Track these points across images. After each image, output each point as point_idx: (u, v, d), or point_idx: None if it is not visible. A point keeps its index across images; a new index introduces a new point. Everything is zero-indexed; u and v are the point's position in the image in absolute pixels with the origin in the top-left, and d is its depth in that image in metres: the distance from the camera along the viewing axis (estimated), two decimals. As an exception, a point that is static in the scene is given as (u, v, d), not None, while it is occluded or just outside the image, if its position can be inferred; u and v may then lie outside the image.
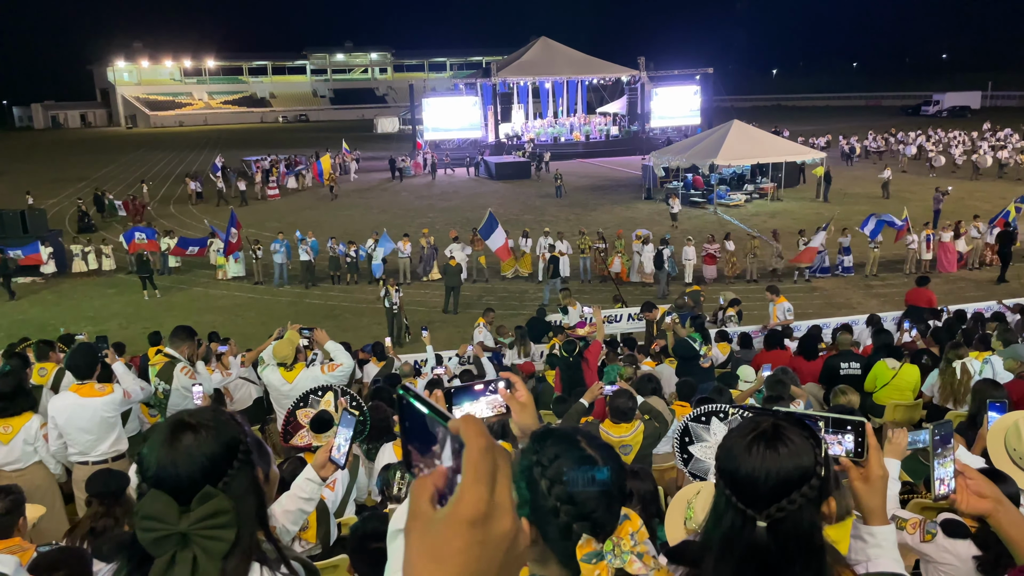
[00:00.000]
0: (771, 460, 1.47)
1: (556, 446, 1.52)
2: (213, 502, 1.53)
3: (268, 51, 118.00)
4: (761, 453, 1.48)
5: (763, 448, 1.49)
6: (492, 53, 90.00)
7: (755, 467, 1.48)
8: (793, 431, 1.53)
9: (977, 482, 1.89)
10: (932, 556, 2.84)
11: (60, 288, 21.46)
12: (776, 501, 1.46)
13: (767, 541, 1.46)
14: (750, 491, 1.48)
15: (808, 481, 1.46)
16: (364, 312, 18.59)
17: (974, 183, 32.96)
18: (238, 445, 1.65)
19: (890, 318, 13.41)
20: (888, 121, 59.51)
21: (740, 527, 1.48)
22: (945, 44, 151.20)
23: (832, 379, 8.28)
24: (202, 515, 1.51)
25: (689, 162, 29.95)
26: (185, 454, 1.58)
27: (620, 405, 5.34)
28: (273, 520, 2.54)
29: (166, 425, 1.65)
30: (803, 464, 1.48)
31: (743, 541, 1.48)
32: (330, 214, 30.88)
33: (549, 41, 49.86)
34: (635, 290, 19.57)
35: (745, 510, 1.48)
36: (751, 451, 1.49)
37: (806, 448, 1.51)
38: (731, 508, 1.50)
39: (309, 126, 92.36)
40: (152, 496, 1.55)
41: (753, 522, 1.47)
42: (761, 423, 1.54)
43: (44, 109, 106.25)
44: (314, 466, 2.75)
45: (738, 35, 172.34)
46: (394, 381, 8.60)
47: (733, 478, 1.50)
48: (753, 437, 1.51)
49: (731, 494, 1.50)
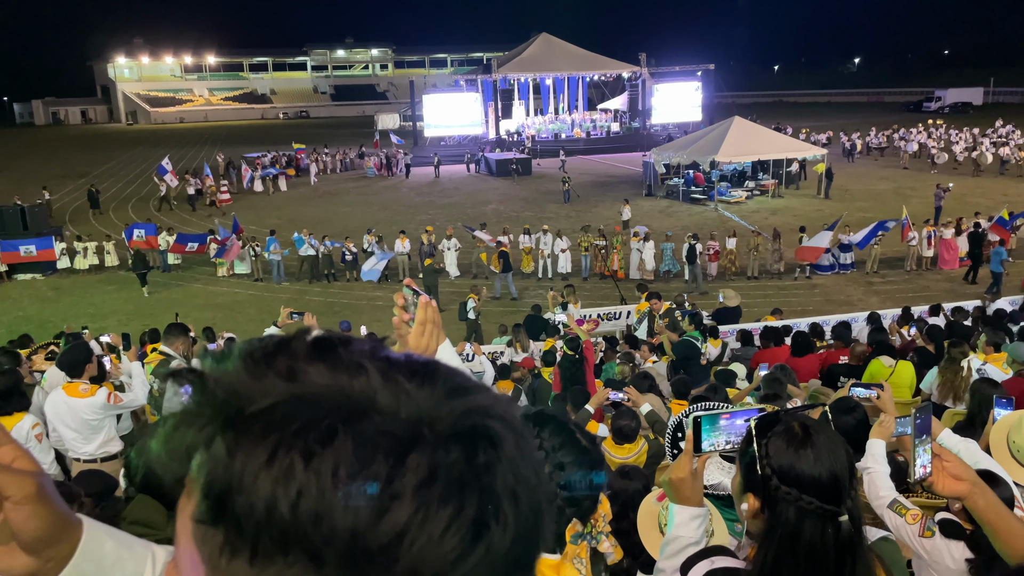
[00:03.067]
0: (833, 452, 1.56)
1: (558, 435, 1.61)
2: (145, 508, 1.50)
3: (269, 47, 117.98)
4: (821, 450, 1.56)
5: (819, 444, 1.57)
6: (493, 49, 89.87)
7: (831, 464, 1.55)
8: (809, 420, 1.63)
9: (954, 465, 1.93)
10: (928, 554, 2.82)
11: (60, 285, 21.45)
12: (848, 491, 1.56)
13: (851, 531, 1.56)
14: (832, 490, 1.54)
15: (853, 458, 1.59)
16: (364, 309, 18.57)
17: (975, 180, 32.89)
18: None
19: (890, 315, 13.38)
20: (890, 117, 59.37)
21: (823, 530, 1.55)
22: (947, 40, 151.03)
23: (832, 378, 8.28)
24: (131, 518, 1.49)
25: (690, 158, 29.89)
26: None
27: (623, 427, 5.18)
28: None
29: (154, 429, 1.63)
30: (846, 446, 1.60)
31: (829, 543, 1.54)
32: (330, 211, 30.86)
33: (550, 37, 49.76)
34: (633, 287, 19.50)
35: (829, 511, 1.54)
36: (812, 452, 1.56)
37: (834, 431, 1.63)
38: (810, 516, 1.55)
39: (310, 122, 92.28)
40: (140, 501, 1.54)
41: (836, 520, 1.54)
42: (790, 427, 1.61)
43: (45, 106, 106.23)
44: None
45: (740, 31, 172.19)
46: None
47: (815, 484, 1.54)
48: (800, 441, 1.57)
49: (810, 500, 1.54)
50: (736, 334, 12.41)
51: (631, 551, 3.46)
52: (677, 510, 1.92)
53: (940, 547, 2.75)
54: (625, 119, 50.89)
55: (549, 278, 20.50)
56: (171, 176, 33.15)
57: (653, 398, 6.08)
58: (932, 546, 2.77)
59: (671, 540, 1.93)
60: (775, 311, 14.85)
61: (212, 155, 49.52)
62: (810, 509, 1.54)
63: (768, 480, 1.58)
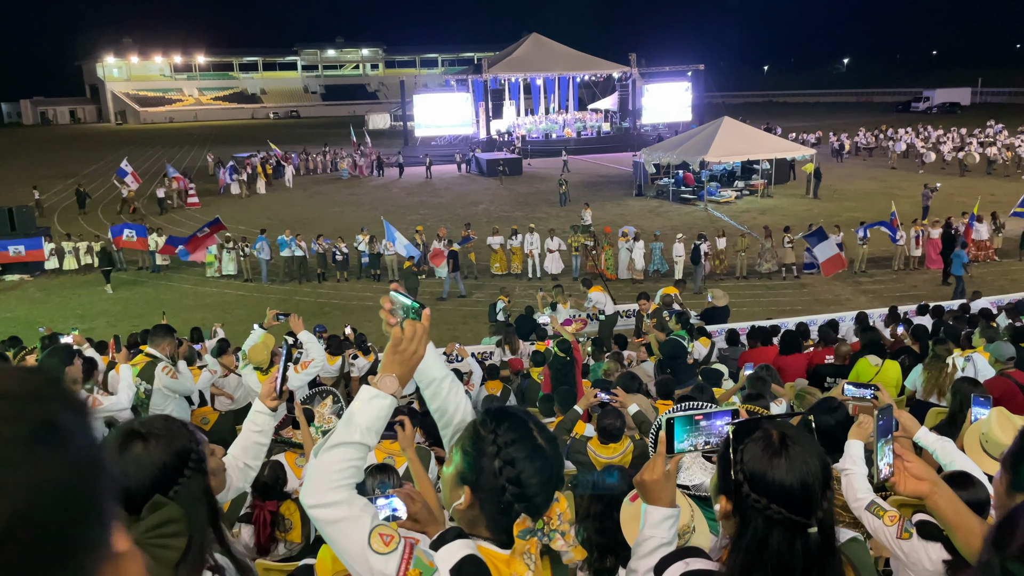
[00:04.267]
0: (807, 463, 1.56)
1: (513, 432, 1.63)
2: (164, 511, 1.52)
3: (259, 47, 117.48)
4: (795, 460, 1.56)
5: (794, 455, 1.57)
6: (484, 49, 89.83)
7: (803, 475, 1.55)
8: (788, 429, 1.63)
9: (915, 465, 1.96)
10: (906, 555, 2.85)
11: (48, 285, 21.34)
12: (819, 502, 1.56)
13: (819, 543, 1.56)
14: (802, 501, 1.55)
15: (830, 469, 1.58)
16: (353, 309, 18.55)
17: (962, 180, 33.10)
18: (189, 454, 1.65)
19: (877, 315, 13.45)
20: (879, 118, 59.68)
21: (791, 540, 1.56)
22: (936, 41, 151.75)
23: (818, 377, 8.34)
24: (152, 524, 1.51)
25: (680, 159, 29.96)
26: (135, 463, 1.57)
27: (607, 426, 5.19)
28: (233, 460, 2.59)
29: (116, 434, 1.64)
30: (823, 457, 1.60)
31: (797, 552, 1.55)
32: (320, 211, 30.80)
33: (540, 37, 49.81)
34: (624, 286, 19.58)
35: (798, 522, 1.55)
36: (786, 462, 1.57)
37: (813, 441, 1.63)
38: (778, 525, 1.56)
39: (300, 122, 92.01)
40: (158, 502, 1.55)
41: (805, 531, 1.55)
42: (768, 436, 1.61)
43: (33, 105, 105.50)
44: (261, 397, 2.81)
45: (730, 31, 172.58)
46: None
47: (785, 494, 1.55)
48: (775, 450, 1.58)
49: (779, 510, 1.55)
50: (724, 334, 12.45)
51: (614, 550, 3.48)
52: (650, 511, 1.94)
53: (918, 548, 2.77)
54: (615, 119, 50.98)
55: (538, 278, 20.53)
56: (131, 178, 32.22)
57: (641, 398, 6.10)
58: (910, 547, 2.80)
59: (643, 540, 1.94)
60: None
61: (202, 155, 49.38)
62: (778, 519, 1.55)
63: (740, 486, 1.60)
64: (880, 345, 9.10)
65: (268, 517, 3.75)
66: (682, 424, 1.89)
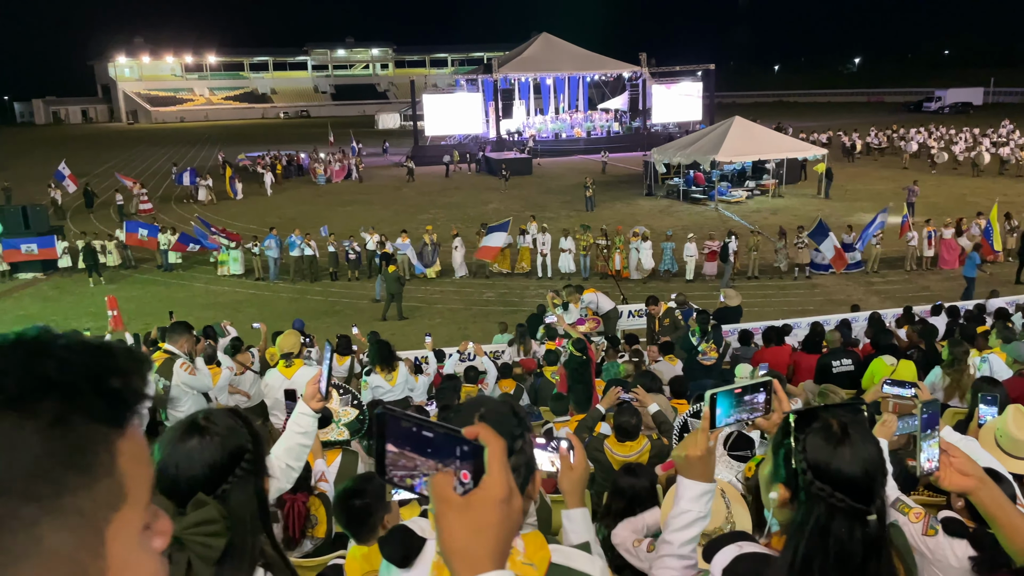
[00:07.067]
0: (868, 451, 1.62)
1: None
2: (204, 510, 1.53)
3: (269, 46, 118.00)
4: (857, 449, 1.61)
5: (855, 443, 1.62)
6: (493, 49, 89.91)
7: (865, 463, 1.60)
8: (847, 417, 1.68)
9: (961, 460, 1.96)
10: (931, 552, 2.85)
11: (61, 284, 21.48)
12: (879, 490, 1.62)
13: (879, 530, 1.60)
14: (864, 489, 1.60)
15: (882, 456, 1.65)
16: (365, 308, 18.58)
17: (975, 180, 32.91)
18: (243, 454, 1.65)
19: (891, 315, 13.39)
20: (890, 118, 59.37)
21: (852, 528, 1.59)
22: (947, 41, 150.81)
23: (825, 377, 8.29)
24: (192, 521, 1.51)
25: (691, 158, 29.88)
26: (187, 457, 1.58)
27: (624, 423, 5.16)
28: (275, 460, 2.61)
29: (181, 424, 1.65)
30: (879, 446, 1.67)
31: (857, 540, 1.58)
32: (329, 210, 30.86)
33: (550, 37, 49.75)
34: (635, 286, 19.55)
35: (859, 509, 1.59)
36: (849, 451, 1.61)
37: (869, 430, 1.68)
38: (840, 513, 1.59)
39: (310, 122, 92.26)
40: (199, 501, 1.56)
41: (865, 518, 1.59)
42: (829, 425, 1.66)
43: (45, 105, 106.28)
44: (305, 399, 2.83)
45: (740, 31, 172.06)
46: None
47: (849, 482, 1.59)
48: (838, 439, 1.62)
49: (842, 498, 1.58)
50: (736, 334, 12.42)
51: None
52: (688, 485, 1.96)
53: (943, 545, 2.77)
54: (625, 119, 50.89)
55: (548, 278, 20.52)
56: (69, 181, 31.61)
57: (660, 398, 6.09)
58: (935, 544, 2.79)
59: (679, 514, 1.97)
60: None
61: (213, 154, 49.54)
62: (841, 507, 1.59)
63: (803, 475, 1.63)
64: (894, 345, 9.07)
65: (302, 509, 3.78)
66: (724, 399, 1.94)
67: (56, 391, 0.66)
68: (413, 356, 12.17)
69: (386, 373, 8.00)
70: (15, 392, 0.65)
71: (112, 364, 0.70)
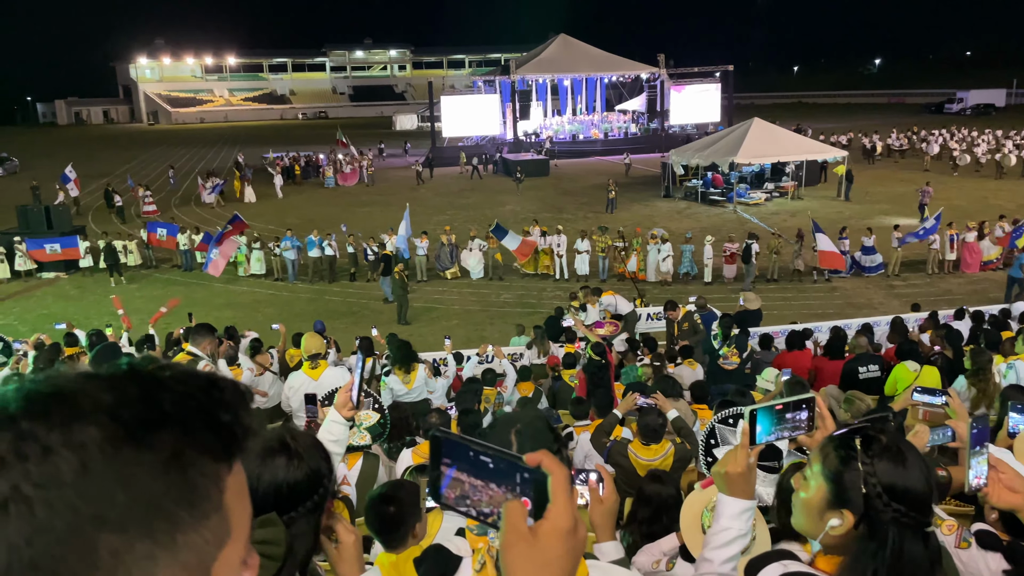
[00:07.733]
0: (926, 466, 1.65)
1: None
2: (271, 530, 1.52)
3: (288, 48, 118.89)
4: (919, 466, 1.64)
5: (914, 460, 1.64)
6: (511, 50, 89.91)
7: (927, 479, 1.64)
8: (891, 432, 1.70)
9: (1010, 476, 1.93)
10: (964, 565, 2.81)
11: (83, 282, 21.71)
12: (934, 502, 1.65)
13: (937, 542, 1.64)
14: (925, 501, 1.62)
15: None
16: (383, 310, 18.63)
17: (998, 182, 32.52)
18: (319, 488, 1.65)
19: (913, 319, 13.26)
20: (911, 119, 58.82)
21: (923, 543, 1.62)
22: (969, 41, 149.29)
23: (851, 383, 8.21)
24: (257, 539, 1.51)
25: (709, 160, 29.73)
26: (270, 474, 1.58)
27: (650, 423, 5.12)
28: None
29: (269, 437, 1.65)
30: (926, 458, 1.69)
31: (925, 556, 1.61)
32: (347, 211, 30.98)
33: (568, 38, 49.71)
34: (653, 289, 19.46)
35: (925, 524, 1.62)
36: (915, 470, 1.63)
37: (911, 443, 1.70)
38: (909, 531, 1.61)
39: (329, 123, 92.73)
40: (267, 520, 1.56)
41: (924, 530, 1.62)
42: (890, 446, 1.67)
43: (67, 105, 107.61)
44: (337, 407, 2.85)
45: (759, 32, 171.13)
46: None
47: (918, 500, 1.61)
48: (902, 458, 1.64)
49: (915, 517, 1.60)
50: (757, 337, 12.35)
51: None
52: (728, 502, 1.96)
53: (976, 558, 2.73)
54: (643, 120, 50.74)
55: (566, 280, 20.49)
56: (73, 185, 31.77)
57: (682, 404, 6.06)
58: (968, 557, 2.75)
59: (719, 531, 1.96)
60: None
61: (232, 155, 49.87)
62: (911, 525, 1.61)
63: (878, 498, 1.63)
64: (917, 351, 8.98)
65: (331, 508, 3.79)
66: (764, 415, 1.91)
67: (172, 425, 0.65)
68: (432, 358, 12.19)
69: (404, 374, 8.02)
70: (133, 425, 0.63)
71: (221, 397, 0.69)
